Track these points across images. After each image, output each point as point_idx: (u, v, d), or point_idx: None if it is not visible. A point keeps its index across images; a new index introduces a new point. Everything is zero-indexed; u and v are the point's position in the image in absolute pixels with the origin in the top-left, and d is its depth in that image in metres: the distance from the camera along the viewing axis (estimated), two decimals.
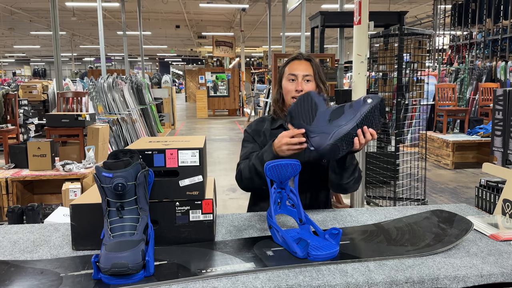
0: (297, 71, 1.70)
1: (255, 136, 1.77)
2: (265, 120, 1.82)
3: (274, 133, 1.72)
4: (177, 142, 1.35)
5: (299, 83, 1.69)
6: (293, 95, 1.69)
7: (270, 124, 1.78)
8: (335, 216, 1.57)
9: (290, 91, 1.70)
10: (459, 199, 4.78)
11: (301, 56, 1.75)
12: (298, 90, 1.68)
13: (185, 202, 1.28)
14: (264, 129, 1.77)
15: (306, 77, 1.69)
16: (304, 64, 1.72)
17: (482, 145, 6.43)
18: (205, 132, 11.26)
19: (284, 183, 1.34)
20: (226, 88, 15.76)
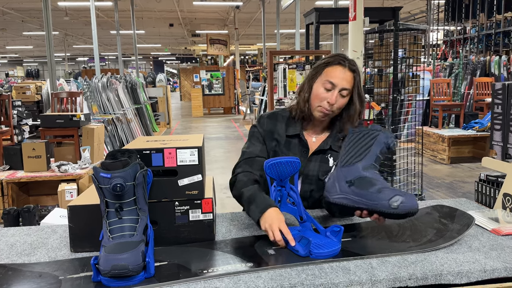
0: (338, 80, 1.47)
1: (267, 138, 1.59)
2: (277, 117, 1.61)
3: (288, 142, 1.58)
4: (175, 141, 1.34)
5: (335, 96, 1.48)
6: (323, 105, 1.49)
7: (285, 126, 1.59)
8: None
9: (321, 100, 1.49)
10: (456, 193, 4.80)
11: (347, 63, 1.49)
12: (330, 103, 1.49)
13: (184, 202, 1.26)
14: (278, 131, 1.58)
15: (343, 90, 1.48)
16: (348, 74, 1.48)
17: (478, 140, 6.45)
18: (201, 130, 11.23)
19: (284, 181, 1.33)
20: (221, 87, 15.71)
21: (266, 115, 1.64)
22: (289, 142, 1.58)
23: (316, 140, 1.61)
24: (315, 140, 1.61)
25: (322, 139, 1.61)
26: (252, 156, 1.55)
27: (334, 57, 1.53)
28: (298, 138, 1.59)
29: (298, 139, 1.59)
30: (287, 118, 1.61)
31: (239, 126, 11.77)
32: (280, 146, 1.58)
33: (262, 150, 1.57)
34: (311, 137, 1.61)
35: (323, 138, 1.61)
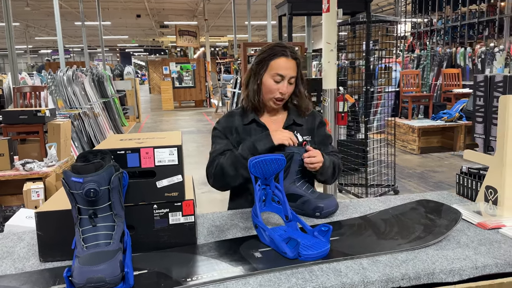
0: (285, 71, 1.55)
1: (227, 133, 1.64)
2: (234, 115, 1.68)
3: (247, 129, 1.63)
4: (152, 140, 1.25)
5: (285, 86, 1.57)
6: (276, 96, 1.59)
7: (241, 118, 1.65)
8: None
9: (273, 91, 1.58)
10: (427, 183, 4.89)
11: (289, 53, 1.57)
12: (283, 93, 1.58)
13: (163, 205, 1.18)
14: (235, 125, 1.64)
15: (291, 79, 1.58)
16: (292, 62, 1.57)
17: (446, 130, 6.61)
18: (172, 124, 11.03)
19: (268, 179, 1.27)
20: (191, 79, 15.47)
21: (222, 116, 1.72)
22: (248, 129, 1.64)
23: (276, 123, 1.68)
24: (275, 123, 1.68)
25: (282, 120, 1.68)
26: (220, 152, 1.59)
27: (276, 49, 1.58)
28: (255, 123, 1.64)
29: (255, 123, 1.64)
30: (241, 112, 1.68)
31: (212, 119, 11.63)
32: (241, 136, 1.63)
33: (228, 144, 1.62)
34: (270, 123, 1.67)
35: (283, 119, 1.68)
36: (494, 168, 1.45)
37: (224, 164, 1.53)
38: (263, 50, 1.61)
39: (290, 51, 1.58)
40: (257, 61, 1.61)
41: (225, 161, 1.53)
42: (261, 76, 1.58)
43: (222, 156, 1.57)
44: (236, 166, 1.50)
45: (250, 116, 1.64)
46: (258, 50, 1.66)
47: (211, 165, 1.59)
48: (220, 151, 1.59)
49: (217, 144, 1.63)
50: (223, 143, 1.61)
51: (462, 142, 6.38)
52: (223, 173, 1.54)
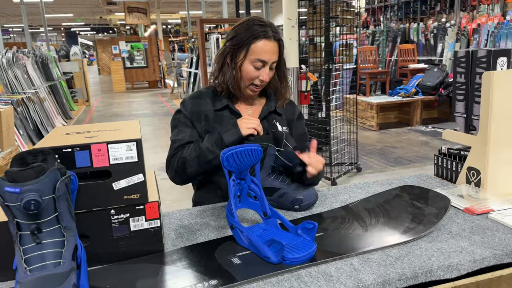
0: (268, 56, 1.36)
1: (195, 119, 1.44)
2: (203, 96, 1.47)
3: (219, 115, 1.45)
4: (104, 133, 1.06)
5: (266, 73, 1.38)
6: (255, 82, 1.40)
7: (212, 102, 1.46)
8: None
9: (253, 79, 1.39)
10: (388, 159, 4.94)
11: (271, 33, 1.36)
12: (263, 80, 1.40)
13: (122, 209, 1.01)
14: (205, 110, 1.45)
15: (273, 64, 1.40)
16: (274, 45, 1.37)
17: (403, 105, 6.71)
18: (125, 107, 10.55)
19: (243, 173, 1.12)
20: (143, 59, 14.84)
21: (188, 97, 1.50)
22: (219, 116, 1.45)
23: (252, 112, 1.51)
24: (252, 112, 1.51)
25: (258, 109, 1.51)
26: (183, 143, 1.40)
27: (255, 30, 1.36)
28: (228, 110, 1.46)
29: (228, 110, 1.46)
30: (211, 94, 1.48)
31: (167, 100, 11.24)
32: (210, 123, 1.43)
33: (192, 134, 1.43)
34: (245, 110, 1.50)
35: (259, 108, 1.51)
36: (476, 148, 1.38)
37: (188, 158, 1.35)
38: (240, 30, 1.39)
39: (272, 30, 1.38)
40: (233, 43, 1.39)
41: (189, 155, 1.35)
42: (240, 62, 1.38)
43: (185, 147, 1.39)
44: (200, 162, 1.33)
45: (224, 102, 1.45)
46: (233, 27, 1.44)
47: (172, 158, 1.40)
48: (183, 141, 1.40)
49: (180, 132, 1.43)
50: (187, 132, 1.42)
51: (418, 117, 6.52)
52: (185, 168, 1.36)
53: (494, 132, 1.33)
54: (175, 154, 1.40)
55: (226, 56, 1.42)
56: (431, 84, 6.50)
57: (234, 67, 1.39)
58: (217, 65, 1.45)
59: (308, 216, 1.25)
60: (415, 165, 4.65)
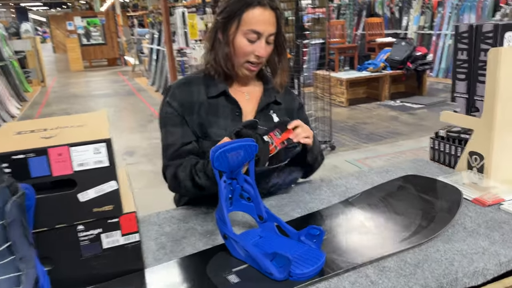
0: (263, 26, 1.16)
1: (186, 112, 1.22)
2: (192, 83, 1.26)
3: (214, 104, 1.23)
4: (65, 131, 0.87)
5: (263, 47, 1.18)
6: (250, 59, 1.20)
7: (205, 89, 1.24)
8: (290, 195, 1.25)
9: (247, 55, 1.19)
10: (359, 136, 4.89)
11: (267, 1, 1.16)
12: (259, 56, 1.19)
13: (93, 224, 0.83)
14: (196, 98, 1.23)
15: (270, 36, 1.19)
16: (270, 14, 1.17)
17: (371, 80, 6.67)
18: (84, 87, 10.02)
19: (236, 172, 0.96)
20: (101, 35, 14.11)
21: (176, 84, 1.27)
22: (214, 105, 1.24)
23: (250, 97, 1.30)
24: (249, 97, 1.30)
25: (257, 94, 1.31)
26: (176, 148, 1.19)
27: None
28: (224, 97, 1.25)
29: (224, 97, 1.25)
30: (204, 79, 1.27)
31: (129, 79, 10.76)
32: (204, 116, 1.22)
33: (185, 134, 1.21)
34: (242, 97, 1.28)
35: (258, 93, 1.31)
36: (480, 132, 1.28)
37: (182, 182, 1.15)
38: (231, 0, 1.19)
39: None
40: (224, 15, 1.19)
41: (184, 179, 1.15)
42: (232, 35, 1.18)
43: (178, 161, 1.18)
44: (197, 191, 1.15)
45: (220, 87, 1.24)
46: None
47: (167, 170, 1.21)
48: (176, 146, 1.19)
49: (170, 134, 1.21)
50: (178, 132, 1.21)
51: (387, 92, 6.51)
52: (180, 190, 1.19)
53: (500, 114, 1.23)
54: (168, 165, 1.20)
55: (217, 31, 1.22)
56: (399, 58, 6.48)
57: (226, 42, 1.20)
58: (209, 43, 1.25)
59: (305, 215, 1.11)
60: (387, 141, 4.63)
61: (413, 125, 5.22)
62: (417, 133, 4.86)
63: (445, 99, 6.26)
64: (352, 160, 4.01)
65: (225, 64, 1.21)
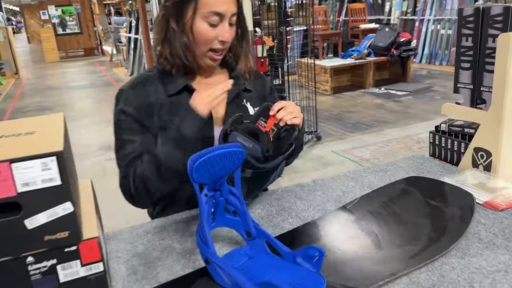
0: (224, 6, 1.01)
1: (145, 117, 1.05)
2: (148, 80, 1.09)
3: (175, 102, 1.07)
4: (8, 141, 0.71)
5: (227, 30, 1.03)
6: (214, 46, 1.04)
7: (163, 87, 1.08)
8: (280, 202, 1.12)
9: (210, 41, 1.03)
10: (345, 125, 4.79)
11: None
12: (225, 42, 1.04)
13: (45, 254, 0.68)
14: (156, 100, 1.06)
15: (233, 17, 1.04)
16: None
17: (355, 68, 6.56)
18: (60, 78, 9.66)
19: (219, 183, 0.82)
20: (77, 24, 13.67)
21: (128, 86, 1.09)
22: (175, 103, 1.07)
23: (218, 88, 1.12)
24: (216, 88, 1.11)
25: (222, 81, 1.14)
26: (136, 156, 1.04)
27: None
28: (187, 92, 1.08)
29: (187, 93, 1.08)
30: (159, 76, 1.09)
31: (106, 69, 10.43)
32: (166, 117, 1.06)
33: (145, 141, 1.05)
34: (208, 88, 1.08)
35: (223, 79, 1.16)
36: (487, 126, 1.16)
37: (146, 174, 0.99)
38: None
39: None
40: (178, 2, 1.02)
41: (145, 170, 0.99)
42: (189, 22, 1.02)
43: (137, 162, 1.02)
44: (163, 175, 0.98)
45: (179, 82, 1.08)
46: None
47: (124, 180, 1.04)
48: (132, 156, 1.03)
49: (127, 143, 1.04)
50: (136, 141, 1.04)
51: (371, 79, 6.42)
52: (146, 189, 1.01)
53: (510, 106, 1.11)
54: (127, 174, 1.03)
55: (168, 19, 1.05)
56: (383, 44, 6.38)
57: (182, 31, 1.03)
58: (159, 35, 1.08)
59: (298, 227, 0.98)
60: (373, 130, 4.54)
61: (399, 112, 5.14)
62: (403, 121, 4.79)
63: (429, 85, 6.20)
64: (339, 151, 3.91)
65: (184, 56, 1.05)
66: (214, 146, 0.79)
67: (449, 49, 7.40)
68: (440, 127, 1.33)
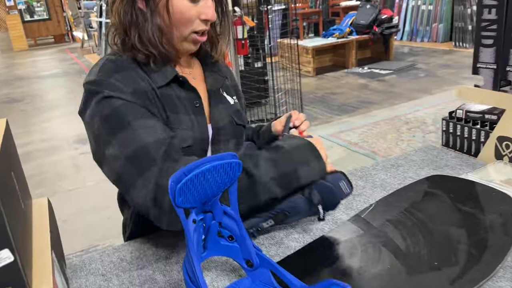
0: None
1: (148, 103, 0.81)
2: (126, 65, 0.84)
3: (167, 95, 0.86)
4: None
5: (209, 6, 0.85)
6: (196, 28, 0.86)
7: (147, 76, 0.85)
8: None
9: (191, 21, 0.85)
10: (331, 107, 4.64)
11: None
12: (209, 20, 0.86)
13: None
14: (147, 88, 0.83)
15: None
16: None
17: (337, 47, 6.39)
18: (29, 67, 9.20)
19: (210, 203, 0.64)
20: (45, 10, 13.05)
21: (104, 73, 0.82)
22: (167, 97, 0.86)
23: (197, 78, 0.96)
24: (196, 79, 0.96)
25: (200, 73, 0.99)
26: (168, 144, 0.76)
27: None
28: (177, 84, 0.89)
29: (178, 84, 0.89)
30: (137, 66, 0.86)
31: (78, 57, 9.98)
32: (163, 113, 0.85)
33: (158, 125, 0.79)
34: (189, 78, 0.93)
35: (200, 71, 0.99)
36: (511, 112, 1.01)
37: None
38: None
39: None
40: None
41: None
42: None
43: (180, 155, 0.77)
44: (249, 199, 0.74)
45: (168, 72, 0.87)
46: None
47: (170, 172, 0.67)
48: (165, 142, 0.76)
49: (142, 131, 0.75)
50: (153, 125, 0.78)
51: (354, 58, 6.26)
52: None
53: None
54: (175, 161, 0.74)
55: (134, 1, 0.84)
56: (364, 22, 6.21)
57: (155, 11, 0.83)
58: (124, 20, 0.85)
59: (307, 246, 0.81)
60: (360, 112, 4.41)
61: (384, 92, 5.02)
62: (389, 101, 4.67)
63: (412, 63, 6.09)
64: (326, 136, 3.76)
65: (159, 41, 0.84)
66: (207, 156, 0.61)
67: (430, 25, 7.30)
68: (455, 113, 1.17)
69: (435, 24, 7.23)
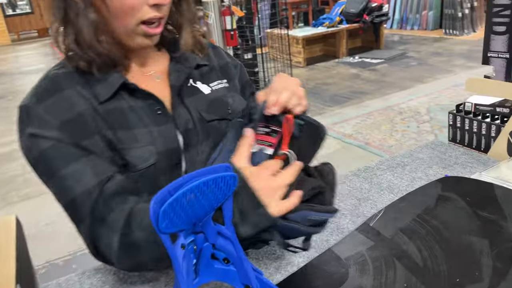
0: None
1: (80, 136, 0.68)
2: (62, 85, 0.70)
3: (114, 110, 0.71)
4: None
5: None
6: (145, 16, 0.69)
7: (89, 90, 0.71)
8: None
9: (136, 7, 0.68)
10: (324, 99, 4.56)
11: None
12: (161, 4, 0.69)
13: None
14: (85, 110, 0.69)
15: None
16: None
17: (328, 37, 6.29)
18: (12, 63, 8.96)
19: (202, 223, 0.55)
20: (27, 3, 12.74)
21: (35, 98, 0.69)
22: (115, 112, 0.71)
23: (162, 77, 0.79)
24: (161, 77, 0.79)
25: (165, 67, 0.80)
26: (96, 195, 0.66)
27: None
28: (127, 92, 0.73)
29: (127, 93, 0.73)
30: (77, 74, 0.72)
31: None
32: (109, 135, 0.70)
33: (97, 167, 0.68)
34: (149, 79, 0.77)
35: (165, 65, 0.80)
36: None
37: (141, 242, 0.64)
38: None
39: None
40: None
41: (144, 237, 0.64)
42: None
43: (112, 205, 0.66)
44: None
45: (113, 80, 0.71)
46: None
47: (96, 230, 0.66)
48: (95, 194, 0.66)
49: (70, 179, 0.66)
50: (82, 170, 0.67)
51: (344, 48, 6.17)
52: (135, 254, 0.65)
53: None
54: (102, 220, 0.65)
55: None
56: (354, 10, 6.11)
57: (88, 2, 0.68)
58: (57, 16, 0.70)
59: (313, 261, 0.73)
60: (353, 102, 4.33)
61: (376, 82, 4.95)
62: (381, 91, 4.60)
63: (403, 51, 6.02)
64: None
65: (97, 40, 0.69)
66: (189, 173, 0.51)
67: (420, 12, 7.22)
68: (464, 106, 1.09)
69: (425, 12, 7.15)
